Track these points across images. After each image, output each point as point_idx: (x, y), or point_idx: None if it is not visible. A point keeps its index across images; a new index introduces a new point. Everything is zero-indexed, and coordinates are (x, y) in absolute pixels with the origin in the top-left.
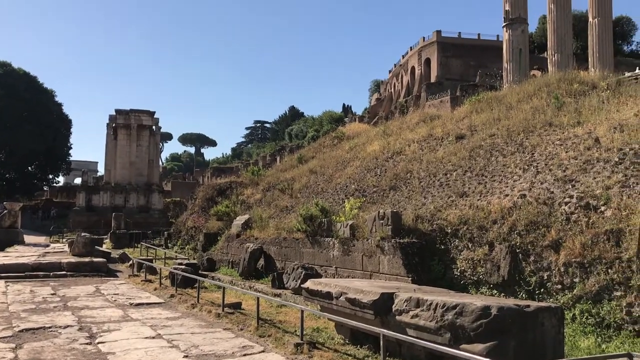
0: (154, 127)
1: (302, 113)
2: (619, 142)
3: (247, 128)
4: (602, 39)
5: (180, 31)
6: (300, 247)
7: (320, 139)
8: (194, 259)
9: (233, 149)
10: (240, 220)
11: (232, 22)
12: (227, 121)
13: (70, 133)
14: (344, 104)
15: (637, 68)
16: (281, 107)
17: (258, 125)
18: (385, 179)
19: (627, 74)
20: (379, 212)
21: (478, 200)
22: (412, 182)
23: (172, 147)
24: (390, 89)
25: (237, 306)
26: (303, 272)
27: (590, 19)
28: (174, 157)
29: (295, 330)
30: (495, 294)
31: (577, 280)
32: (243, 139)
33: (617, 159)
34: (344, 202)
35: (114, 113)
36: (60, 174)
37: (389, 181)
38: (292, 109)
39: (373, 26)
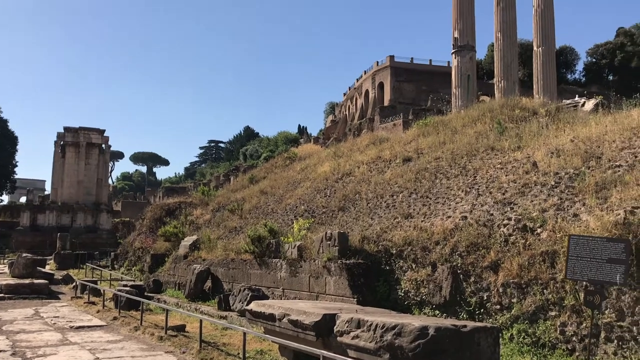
0: (103, 146)
1: (258, 133)
2: (555, 166)
3: (201, 147)
4: (546, 67)
5: (133, 49)
6: (248, 269)
7: (272, 159)
8: (141, 280)
9: (186, 169)
10: (188, 241)
11: (189, 41)
12: (181, 140)
13: (16, 150)
14: (299, 125)
15: (577, 96)
16: (236, 127)
17: (212, 144)
18: (335, 200)
19: (566, 102)
20: (326, 233)
21: (422, 221)
22: (360, 203)
23: (123, 166)
24: (345, 111)
25: (181, 329)
26: (250, 294)
27: (535, 48)
28: (125, 176)
29: (239, 353)
30: (438, 314)
31: (514, 300)
32: (197, 159)
33: (553, 183)
34: (294, 223)
35: (62, 131)
36: (4, 193)
37: (338, 202)
38: (248, 129)
39: (329, 49)
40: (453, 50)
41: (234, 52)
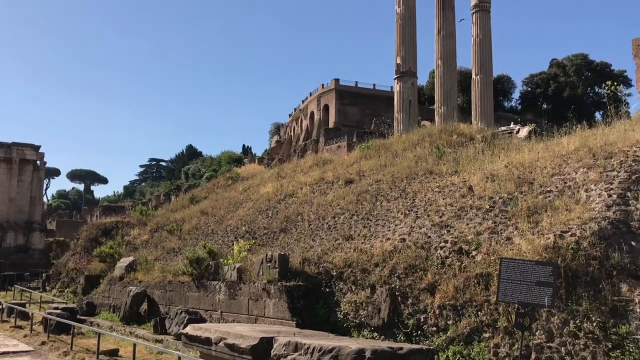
0: (38, 162)
1: (201, 152)
2: (490, 191)
3: (141, 166)
4: (484, 95)
5: (71, 63)
6: (186, 291)
7: (215, 179)
8: (74, 302)
9: (126, 187)
10: (124, 262)
11: (128, 56)
12: (121, 158)
13: None
14: (244, 145)
15: (512, 123)
16: (179, 146)
17: (153, 163)
18: (277, 221)
19: (502, 128)
20: (267, 254)
21: (362, 243)
22: (302, 224)
23: (59, 184)
24: (290, 132)
25: (114, 353)
26: (187, 317)
27: (474, 76)
28: (61, 194)
29: None
30: (376, 336)
31: (450, 322)
32: (137, 177)
33: (488, 207)
34: (234, 244)
35: None
36: None
37: (279, 223)
38: (190, 147)
39: (275, 70)
40: (396, 76)
41: (178, 68)
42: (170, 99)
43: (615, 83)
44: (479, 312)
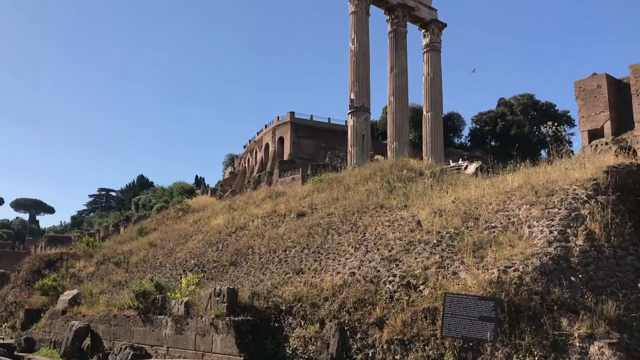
0: None
1: (152, 183)
2: (438, 225)
3: (90, 196)
4: (434, 131)
5: (22, 92)
6: (132, 326)
7: (165, 210)
8: (12, 338)
9: (73, 218)
10: (67, 295)
11: (82, 84)
12: (69, 187)
13: None
14: (197, 176)
15: (461, 159)
16: (130, 175)
17: (103, 193)
18: (227, 254)
19: (451, 164)
20: (215, 288)
21: (313, 277)
22: (252, 257)
23: (3, 213)
24: (245, 163)
25: None
26: (131, 353)
27: (425, 113)
28: (4, 224)
29: None
30: None
31: (398, 357)
32: (85, 207)
33: (435, 242)
34: (182, 277)
35: None
36: None
37: (229, 256)
38: (142, 177)
39: (231, 101)
40: (350, 111)
41: (131, 96)
42: (122, 127)
43: (557, 123)
44: (426, 347)
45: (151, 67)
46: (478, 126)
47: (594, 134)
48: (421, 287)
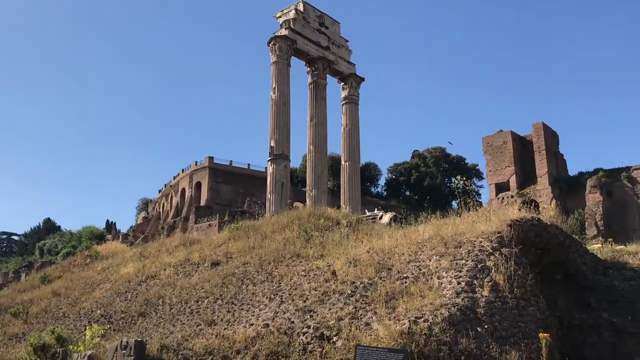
0: None
1: (59, 227)
2: (352, 275)
3: None
4: (352, 180)
5: None
6: None
7: (72, 256)
8: None
9: None
10: None
11: None
12: None
13: None
14: (107, 220)
15: (376, 209)
16: (35, 219)
17: (4, 237)
18: (136, 305)
19: (367, 213)
20: (122, 341)
21: (225, 329)
22: (163, 308)
23: None
24: (160, 208)
25: None
26: None
27: (343, 162)
28: None
29: None
30: None
31: None
32: None
33: (349, 292)
34: (87, 329)
35: None
36: None
37: (139, 307)
38: (48, 221)
39: (147, 144)
40: (269, 158)
41: (37, 134)
42: (27, 165)
43: (466, 177)
44: None
45: (61, 102)
46: (394, 176)
47: (501, 187)
48: (334, 339)
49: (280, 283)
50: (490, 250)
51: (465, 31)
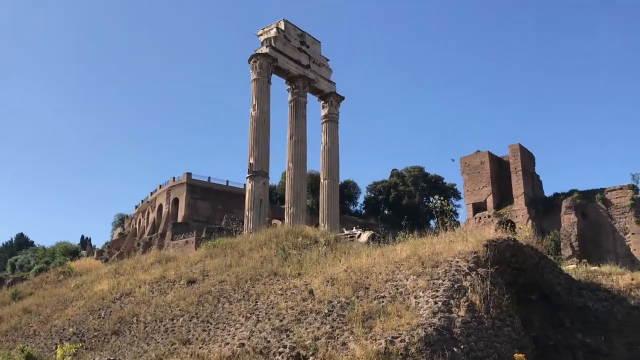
0: None
1: (32, 242)
2: (329, 294)
3: None
4: (331, 198)
5: None
6: None
7: (45, 273)
8: None
9: None
10: None
11: None
12: None
13: None
14: (82, 236)
15: (355, 227)
16: (7, 233)
17: None
18: (109, 323)
19: (345, 232)
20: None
21: (200, 348)
22: (137, 326)
23: None
24: (136, 224)
25: None
26: None
27: (322, 180)
28: None
29: None
30: None
31: None
32: None
33: (326, 311)
34: (58, 348)
35: None
36: None
37: (112, 325)
38: (21, 236)
39: (124, 160)
40: (248, 175)
41: (11, 148)
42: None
43: (444, 197)
44: None
45: (38, 115)
46: (372, 195)
47: (478, 207)
48: (311, 359)
49: (257, 302)
50: (467, 270)
51: (445, 52)
